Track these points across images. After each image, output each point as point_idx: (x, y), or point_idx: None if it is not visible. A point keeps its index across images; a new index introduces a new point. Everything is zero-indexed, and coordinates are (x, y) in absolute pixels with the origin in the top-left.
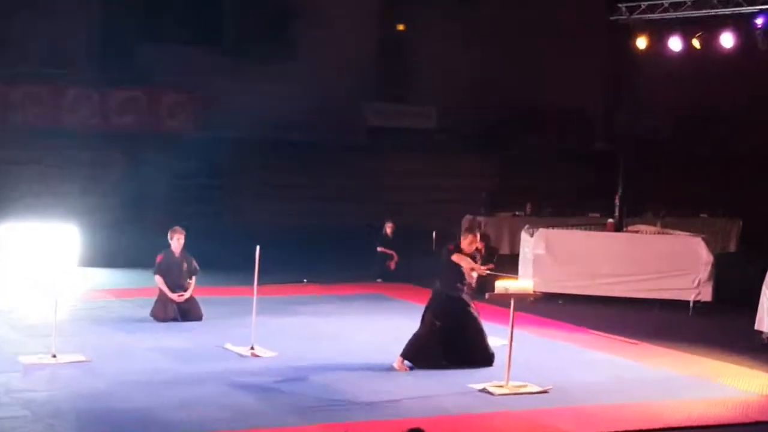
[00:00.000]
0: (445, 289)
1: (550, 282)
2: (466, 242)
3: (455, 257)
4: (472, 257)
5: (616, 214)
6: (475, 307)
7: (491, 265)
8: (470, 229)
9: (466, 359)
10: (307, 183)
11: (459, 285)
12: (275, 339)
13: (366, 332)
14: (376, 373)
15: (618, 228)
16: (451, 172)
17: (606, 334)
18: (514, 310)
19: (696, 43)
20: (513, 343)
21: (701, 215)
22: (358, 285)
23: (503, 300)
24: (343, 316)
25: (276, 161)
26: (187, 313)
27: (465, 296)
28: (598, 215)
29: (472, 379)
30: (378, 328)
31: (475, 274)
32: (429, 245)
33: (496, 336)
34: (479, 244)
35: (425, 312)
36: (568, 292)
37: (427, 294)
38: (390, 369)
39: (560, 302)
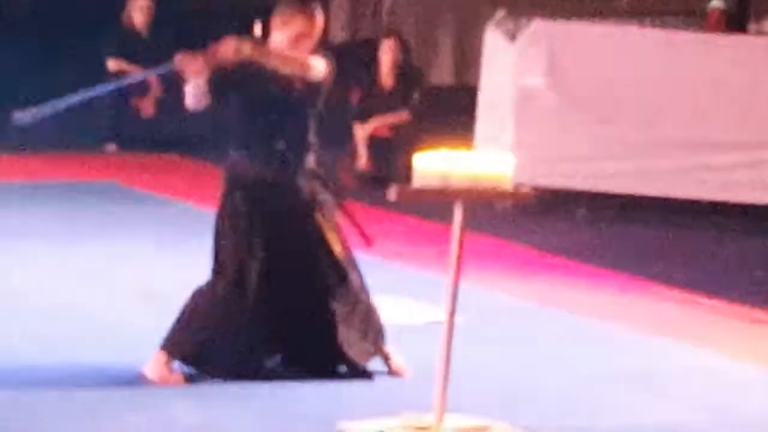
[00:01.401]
0: (246, 159)
1: (558, 162)
2: (288, 29)
3: (259, 51)
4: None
5: None
6: (340, 221)
7: (403, 114)
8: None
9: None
10: None
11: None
12: None
13: (82, 287)
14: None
15: (737, 25)
16: None
17: (678, 290)
18: (463, 229)
19: None
20: (456, 320)
21: None
22: (61, 156)
23: (430, 202)
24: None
25: None
26: None
27: (307, 182)
28: None
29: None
30: (111, 277)
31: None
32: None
33: (414, 298)
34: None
35: (219, 233)
36: (598, 190)
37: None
38: (137, 384)
39: (581, 210)
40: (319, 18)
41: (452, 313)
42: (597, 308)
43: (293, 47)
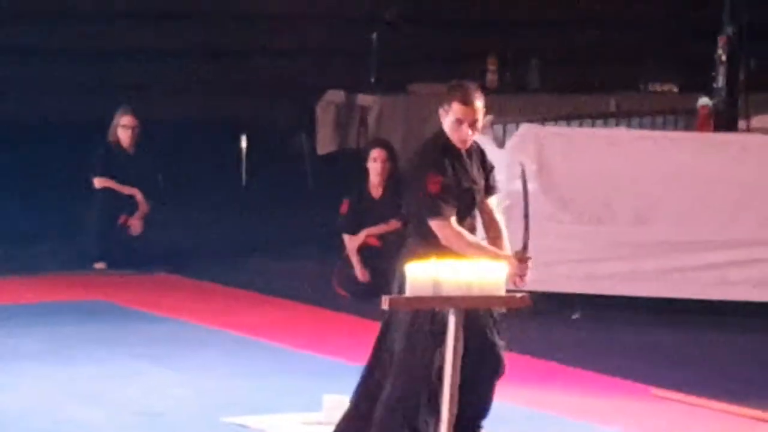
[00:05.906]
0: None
1: (551, 265)
2: (448, 116)
3: None
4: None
5: (721, 85)
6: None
7: (394, 223)
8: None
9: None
10: None
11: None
12: None
13: (76, 406)
14: None
15: (727, 123)
16: None
17: (675, 392)
18: (457, 337)
19: None
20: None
21: None
22: (48, 276)
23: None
24: None
25: None
26: None
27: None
28: (670, 88)
29: None
30: (105, 396)
31: None
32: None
33: None
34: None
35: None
36: (593, 292)
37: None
38: None
39: (575, 316)
40: (478, 103)
41: (449, 421)
42: (593, 412)
43: (454, 133)
